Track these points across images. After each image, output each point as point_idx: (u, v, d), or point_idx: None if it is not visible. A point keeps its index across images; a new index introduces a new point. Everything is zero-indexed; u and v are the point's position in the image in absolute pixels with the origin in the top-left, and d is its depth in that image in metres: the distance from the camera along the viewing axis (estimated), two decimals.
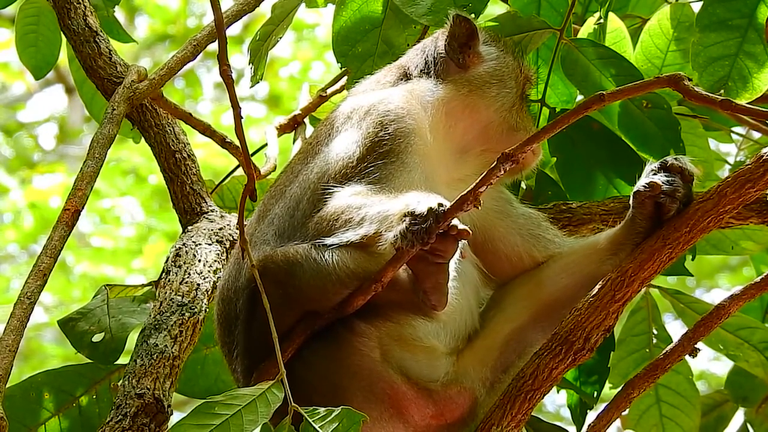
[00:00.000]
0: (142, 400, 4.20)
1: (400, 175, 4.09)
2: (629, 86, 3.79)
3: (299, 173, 4.24)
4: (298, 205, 4.14)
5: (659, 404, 5.19)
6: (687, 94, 3.64)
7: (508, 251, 4.31)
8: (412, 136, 4.17)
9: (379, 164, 4.09)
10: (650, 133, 4.75)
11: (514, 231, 4.31)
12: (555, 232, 4.35)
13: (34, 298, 3.98)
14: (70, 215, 4.15)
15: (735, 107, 3.66)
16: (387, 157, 4.11)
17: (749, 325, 5.06)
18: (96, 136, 4.39)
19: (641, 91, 4.02)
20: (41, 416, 4.68)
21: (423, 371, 3.99)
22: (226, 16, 4.68)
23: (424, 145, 4.19)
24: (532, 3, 4.92)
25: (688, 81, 3.63)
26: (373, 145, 4.13)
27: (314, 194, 4.10)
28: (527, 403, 3.89)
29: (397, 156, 4.12)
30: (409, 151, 4.15)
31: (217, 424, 3.65)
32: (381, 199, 3.91)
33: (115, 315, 4.78)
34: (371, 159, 4.10)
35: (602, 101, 3.66)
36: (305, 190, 4.15)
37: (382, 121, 4.18)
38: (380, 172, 4.07)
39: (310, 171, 4.19)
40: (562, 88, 4.93)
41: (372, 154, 4.11)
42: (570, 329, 3.87)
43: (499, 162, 3.66)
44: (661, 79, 3.70)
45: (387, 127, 4.17)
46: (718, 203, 3.76)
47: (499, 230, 4.30)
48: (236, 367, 4.12)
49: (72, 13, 4.95)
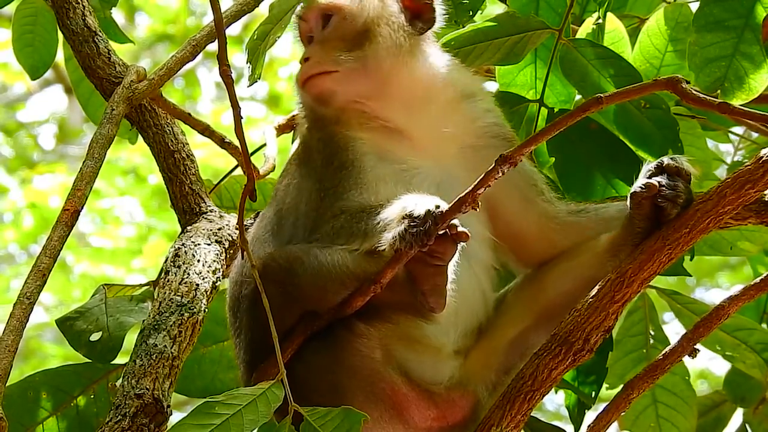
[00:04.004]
0: (142, 401, 4.19)
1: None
2: (627, 89, 3.80)
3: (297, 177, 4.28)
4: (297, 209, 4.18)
5: (656, 405, 5.19)
6: (685, 97, 3.65)
7: (509, 217, 4.30)
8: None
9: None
10: (648, 133, 4.75)
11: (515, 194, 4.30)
12: (550, 196, 4.33)
13: (33, 298, 3.98)
14: (70, 215, 4.15)
15: (733, 110, 3.67)
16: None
17: (747, 327, 5.06)
18: (95, 136, 4.39)
19: (639, 94, 4.02)
20: (39, 416, 4.68)
21: (426, 373, 3.99)
22: (226, 16, 4.67)
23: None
24: (530, 3, 4.92)
25: (686, 84, 3.63)
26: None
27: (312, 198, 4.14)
28: (527, 404, 3.89)
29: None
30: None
31: (218, 423, 3.65)
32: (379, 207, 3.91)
33: (112, 314, 4.78)
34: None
35: (600, 104, 3.67)
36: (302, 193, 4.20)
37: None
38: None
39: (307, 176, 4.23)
40: (561, 88, 4.93)
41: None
42: (569, 330, 3.87)
43: (497, 164, 3.67)
44: (659, 82, 3.71)
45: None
46: (718, 204, 3.76)
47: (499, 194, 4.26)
48: (240, 357, 4.17)
49: (71, 13, 4.94)
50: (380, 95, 4.26)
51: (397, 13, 4.34)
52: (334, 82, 4.25)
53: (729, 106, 3.64)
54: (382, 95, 4.26)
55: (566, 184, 4.81)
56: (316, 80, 4.28)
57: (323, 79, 4.27)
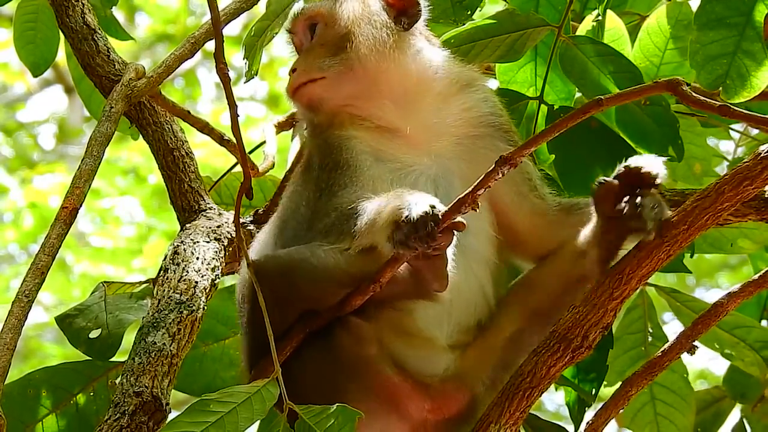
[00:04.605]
0: (140, 399, 4.19)
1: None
2: (627, 91, 3.80)
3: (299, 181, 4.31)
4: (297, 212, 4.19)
5: (654, 402, 5.19)
6: (685, 99, 3.65)
7: (503, 209, 4.29)
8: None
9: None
10: (648, 130, 4.74)
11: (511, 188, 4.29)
12: (543, 191, 4.32)
13: (32, 296, 3.99)
14: (68, 213, 4.15)
15: (733, 113, 3.66)
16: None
17: (745, 324, 5.06)
18: (94, 134, 4.39)
19: (639, 96, 4.02)
20: (39, 413, 4.67)
21: (420, 365, 3.99)
22: (224, 14, 4.67)
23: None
24: (530, 0, 4.92)
25: (687, 86, 3.63)
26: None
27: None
28: (525, 401, 3.88)
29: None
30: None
31: (212, 421, 3.65)
32: (372, 206, 3.90)
33: (112, 311, 4.77)
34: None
35: (600, 106, 3.67)
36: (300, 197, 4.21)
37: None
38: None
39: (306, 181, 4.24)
40: (561, 85, 4.93)
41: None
42: (568, 327, 3.86)
43: (497, 165, 3.67)
44: (660, 84, 3.70)
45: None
46: (716, 201, 3.74)
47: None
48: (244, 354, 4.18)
49: (70, 10, 4.94)
50: (369, 95, 4.26)
51: (380, 12, 4.34)
52: (321, 88, 4.27)
53: (729, 108, 3.63)
54: (371, 95, 4.27)
55: (566, 181, 4.81)
56: (304, 89, 4.31)
57: (311, 87, 4.30)
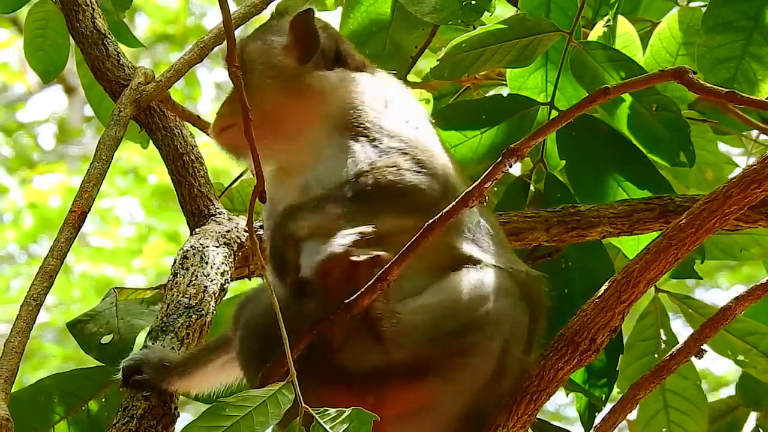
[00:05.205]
0: (149, 403, 4.20)
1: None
2: (634, 79, 3.76)
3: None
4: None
5: (667, 409, 5.16)
6: (691, 86, 3.61)
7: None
8: None
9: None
10: (660, 136, 4.74)
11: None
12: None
13: (40, 299, 3.99)
14: (77, 217, 4.16)
15: (740, 99, 3.63)
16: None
17: (758, 331, 5.02)
18: (102, 138, 4.40)
19: (646, 84, 3.97)
20: (50, 420, 4.67)
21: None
22: (234, 18, 4.68)
23: None
24: (541, 6, 4.92)
25: (693, 74, 3.60)
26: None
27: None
28: (533, 404, 3.87)
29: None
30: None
31: (228, 426, 3.63)
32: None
33: (123, 317, 4.78)
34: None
35: (607, 94, 3.62)
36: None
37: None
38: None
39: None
40: (571, 90, 4.92)
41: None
42: (576, 330, 3.85)
43: (504, 157, 3.63)
44: (666, 72, 3.67)
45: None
46: (724, 204, 3.73)
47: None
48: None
49: (80, 15, 4.96)
50: (273, 134, 4.23)
51: (280, 52, 4.33)
52: (235, 135, 4.23)
53: (736, 94, 3.60)
54: (274, 134, 4.24)
55: (577, 187, 4.81)
56: (224, 134, 4.34)
57: (227, 133, 4.32)
